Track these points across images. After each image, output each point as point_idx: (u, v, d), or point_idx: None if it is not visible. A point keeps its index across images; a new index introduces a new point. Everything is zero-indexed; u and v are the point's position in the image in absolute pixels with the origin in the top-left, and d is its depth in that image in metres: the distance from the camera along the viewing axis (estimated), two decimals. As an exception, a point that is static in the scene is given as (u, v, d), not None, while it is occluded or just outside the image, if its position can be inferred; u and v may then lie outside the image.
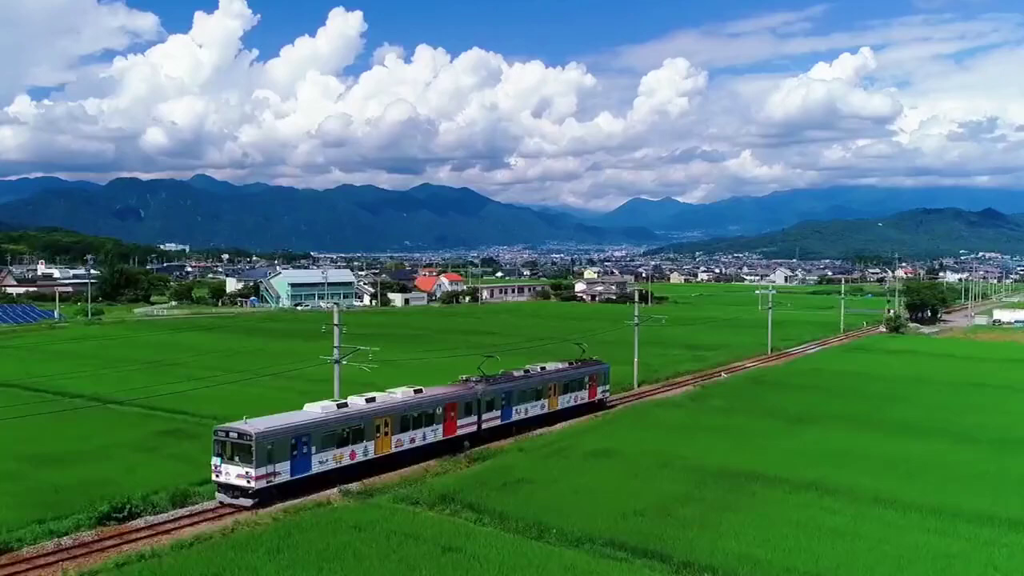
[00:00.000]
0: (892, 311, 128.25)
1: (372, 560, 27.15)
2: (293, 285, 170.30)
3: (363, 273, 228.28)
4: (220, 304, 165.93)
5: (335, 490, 36.53)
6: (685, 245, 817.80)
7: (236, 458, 34.27)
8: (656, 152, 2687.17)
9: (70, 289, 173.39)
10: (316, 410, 38.18)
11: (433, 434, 42.76)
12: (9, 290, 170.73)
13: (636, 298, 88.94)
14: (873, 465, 40.03)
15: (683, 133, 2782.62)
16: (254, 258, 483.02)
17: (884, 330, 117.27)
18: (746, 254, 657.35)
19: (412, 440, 41.50)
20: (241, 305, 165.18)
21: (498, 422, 47.31)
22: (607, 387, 57.81)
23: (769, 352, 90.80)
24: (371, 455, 39.13)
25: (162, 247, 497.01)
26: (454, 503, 33.77)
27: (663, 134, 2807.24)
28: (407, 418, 41.21)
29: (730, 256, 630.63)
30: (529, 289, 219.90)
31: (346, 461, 37.78)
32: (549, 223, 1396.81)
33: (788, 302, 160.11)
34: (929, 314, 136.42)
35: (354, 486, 37.08)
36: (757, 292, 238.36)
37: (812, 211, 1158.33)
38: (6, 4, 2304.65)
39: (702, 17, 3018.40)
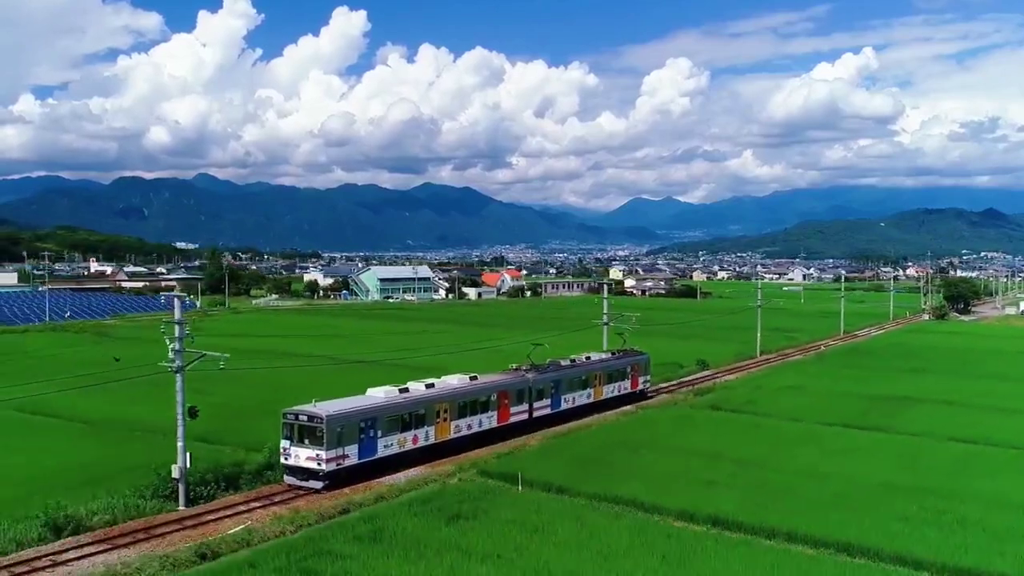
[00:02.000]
0: (928, 303, 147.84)
1: (713, 427, 45.84)
2: (382, 280, 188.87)
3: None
4: (315, 297, 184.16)
5: (631, 406, 54.78)
6: (688, 245, 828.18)
7: (306, 440, 34.69)
8: (657, 152, 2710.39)
9: (175, 284, 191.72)
10: (379, 395, 38.85)
11: (488, 421, 43.48)
12: (124, 285, 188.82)
13: (759, 286, 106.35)
14: (981, 393, 59.30)
15: (684, 133, 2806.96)
16: (267, 257, 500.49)
17: (927, 317, 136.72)
18: (749, 253, 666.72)
19: (469, 426, 42.17)
20: (335, 298, 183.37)
21: (548, 411, 48.11)
22: (648, 377, 58.72)
23: (842, 333, 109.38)
24: (431, 440, 39.77)
25: (177, 246, 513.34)
26: (721, 410, 52.41)
27: (664, 134, 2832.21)
28: (464, 405, 42.00)
29: (733, 255, 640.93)
30: (578, 285, 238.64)
31: (408, 446, 38.43)
32: (550, 222, 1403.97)
33: (831, 296, 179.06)
34: (962, 305, 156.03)
35: (644, 403, 55.59)
36: (785, 289, 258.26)
37: (812, 211, 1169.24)
38: (10, 3, 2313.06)
39: (703, 17, 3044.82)
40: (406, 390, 39.96)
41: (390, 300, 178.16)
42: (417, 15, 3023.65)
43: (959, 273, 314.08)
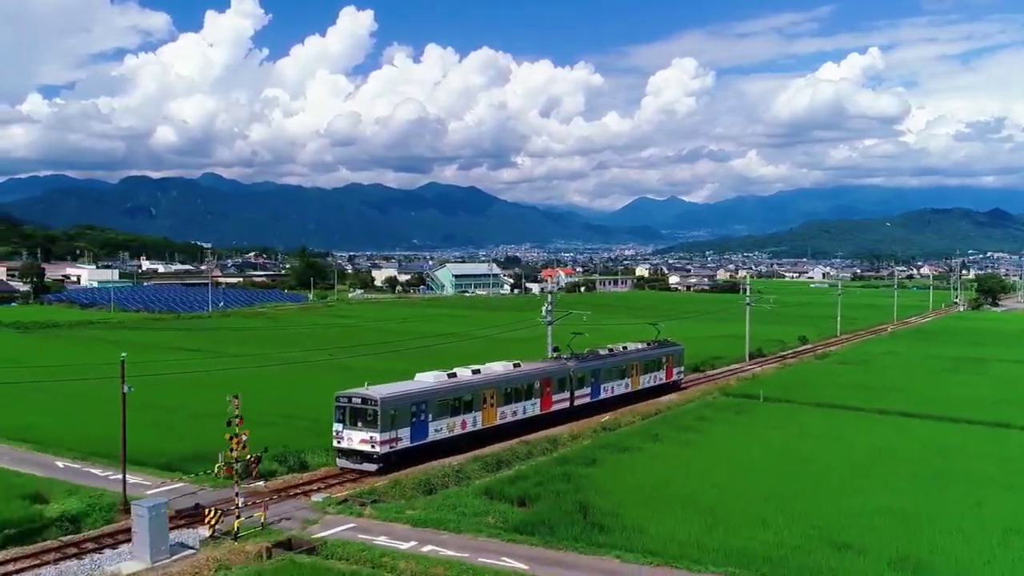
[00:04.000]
0: (960, 296, 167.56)
1: (852, 372, 64.33)
2: (456, 276, 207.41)
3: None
4: (396, 291, 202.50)
5: (776, 364, 72.98)
6: (695, 244, 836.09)
7: (359, 423, 35.08)
8: (662, 151, 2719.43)
9: (265, 279, 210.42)
10: (429, 379, 39.36)
11: (532, 408, 44.00)
12: (220, 280, 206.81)
13: (839, 280, 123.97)
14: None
15: (689, 133, 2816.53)
16: (280, 256, 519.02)
17: (961, 308, 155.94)
18: (755, 253, 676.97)
19: (514, 413, 42.69)
20: (413, 292, 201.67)
21: (588, 399, 48.53)
22: (681, 368, 59.21)
23: (895, 320, 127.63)
24: (479, 426, 40.29)
25: (200, 246, 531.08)
26: (848, 364, 70.86)
27: (669, 133, 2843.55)
28: (509, 391, 42.54)
29: (740, 255, 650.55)
30: (622, 282, 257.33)
31: (457, 431, 38.85)
32: (554, 222, 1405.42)
33: (860, 292, 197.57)
34: (991, 299, 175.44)
35: (787, 362, 73.92)
36: (812, 286, 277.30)
37: (815, 211, 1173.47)
38: (19, 2, 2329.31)
39: (709, 17, 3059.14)
40: (454, 375, 40.63)
41: (465, 294, 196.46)
42: (423, 15, 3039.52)
43: (972, 272, 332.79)
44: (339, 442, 35.73)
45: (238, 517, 27.48)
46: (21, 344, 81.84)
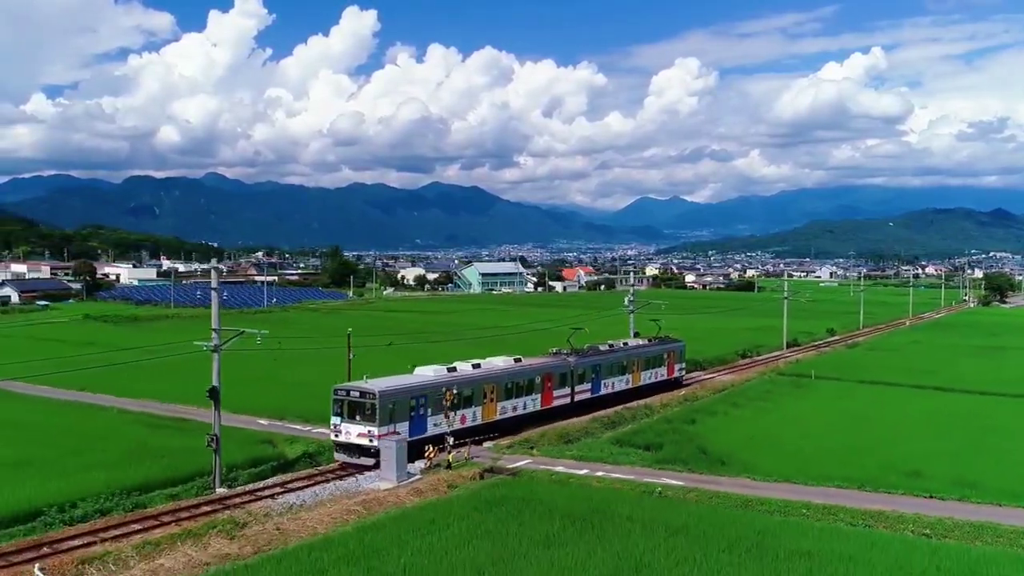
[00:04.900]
0: (970, 294, 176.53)
1: (884, 358, 72.66)
2: (483, 275, 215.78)
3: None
4: (424, 289, 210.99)
5: (814, 351, 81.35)
6: (697, 244, 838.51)
7: (357, 417, 34.69)
8: (665, 151, 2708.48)
9: (296, 277, 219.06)
10: (428, 373, 39.32)
11: (533, 403, 43.91)
12: (255, 278, 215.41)
13: (860, 279, 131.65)
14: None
15: (692, 132, 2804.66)
16: (287, 256, 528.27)
17: (971, 305, 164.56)
18: (758, 253, 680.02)
19: (514, 408, 42.60)
20: (441, 290, 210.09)
21: (588, 395, 48.50)
22: (683, 365, 59.18)
23: (911, 315, 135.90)
24: (479, 421, 40.15)
25: (209, 244, 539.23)
26: (878, 351, 79.23)
27: (672, 133, 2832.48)
28: (510, 386, 42.39)
29: (743, 255, 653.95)
30: (640, 280, 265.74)
31: (456, 425, 38.36)
32: (557, 221, 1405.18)
33: (870, 291, 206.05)
34: (999, 296, 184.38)
35: (826, 350, 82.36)
36: (822, 285, 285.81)
37: (818, 211, 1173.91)
38: (23, 2, 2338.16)
39: (712, 17, 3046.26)
40: (454, 369, 40.53)
41: (492, 292, 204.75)
42: (426, 15, 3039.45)
43: (976, 271, 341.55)
44: (337, 436, 35.55)
45: (450, 452, 35.92)
46: (124, 334, 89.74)
